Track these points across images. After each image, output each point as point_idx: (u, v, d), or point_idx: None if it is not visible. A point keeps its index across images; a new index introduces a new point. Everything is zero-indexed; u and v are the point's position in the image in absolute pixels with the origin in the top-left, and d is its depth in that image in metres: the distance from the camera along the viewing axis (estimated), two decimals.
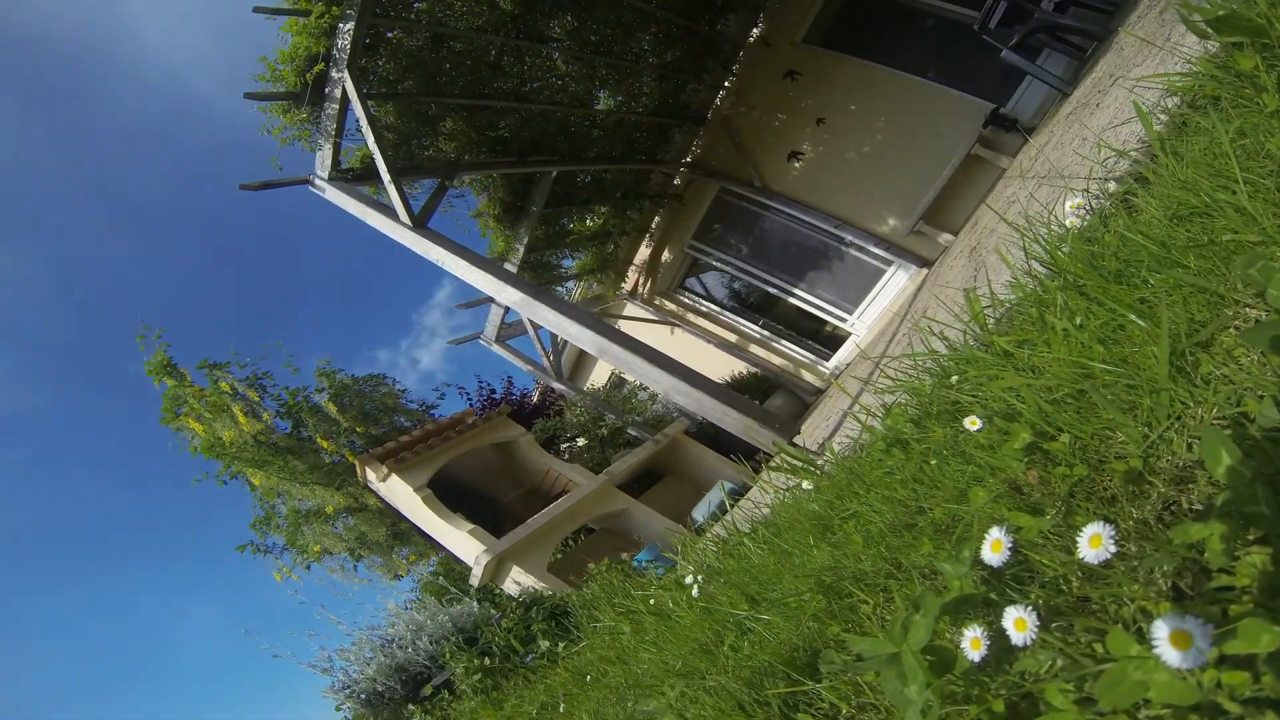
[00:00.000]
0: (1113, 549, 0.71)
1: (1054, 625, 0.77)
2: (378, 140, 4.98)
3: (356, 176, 5.54)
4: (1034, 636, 0.77)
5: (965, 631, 0.91)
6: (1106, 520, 0.74)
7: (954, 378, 1.40)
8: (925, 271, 7.50)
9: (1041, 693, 0.73)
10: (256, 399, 7.36)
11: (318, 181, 5.39)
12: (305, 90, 4.84)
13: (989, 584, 0.97)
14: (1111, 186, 1.58)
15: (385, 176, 5.07)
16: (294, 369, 7.92)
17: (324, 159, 5.28)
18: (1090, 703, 0.66)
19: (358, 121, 5.01)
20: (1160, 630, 0.57)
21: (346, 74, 4.73)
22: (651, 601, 3.34)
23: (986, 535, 0.93)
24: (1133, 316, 0.97)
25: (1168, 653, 0.56)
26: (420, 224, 5.31)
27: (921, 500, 1.28)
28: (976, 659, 0.85)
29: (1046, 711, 0.70)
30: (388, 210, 5.32)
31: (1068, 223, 1.38)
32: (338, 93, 4.86)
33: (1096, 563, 0.73)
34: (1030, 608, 0.78)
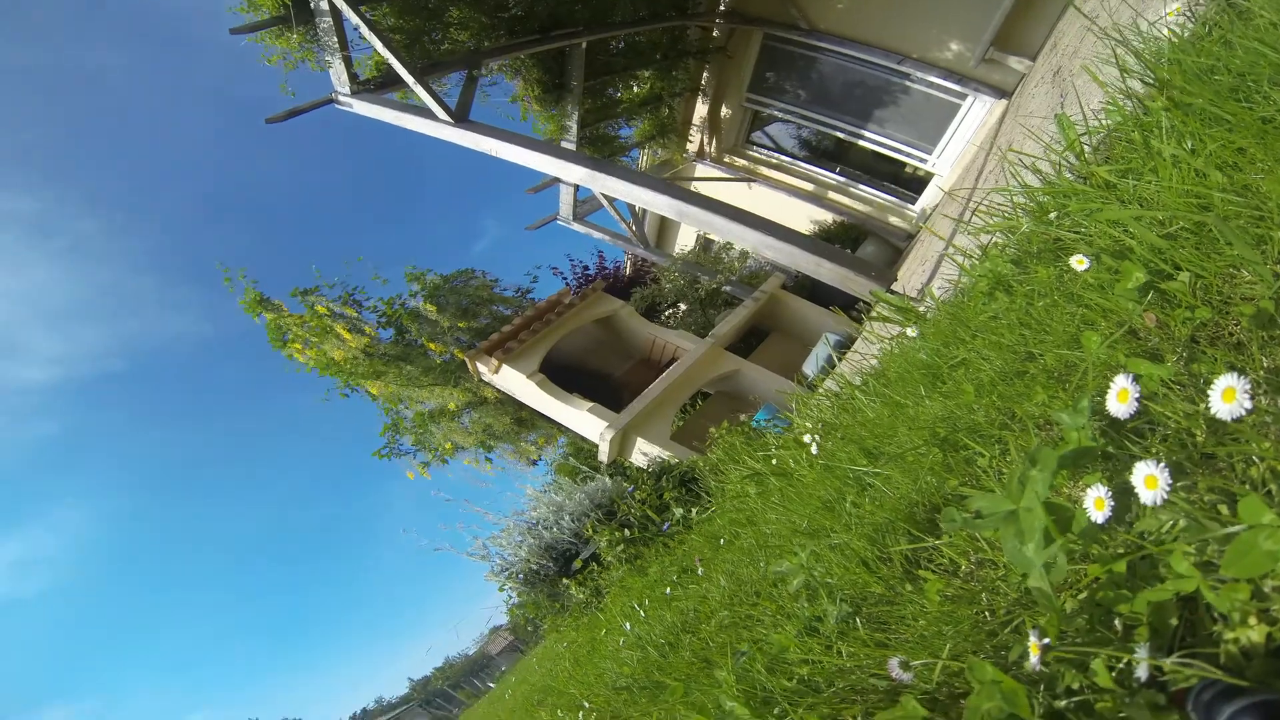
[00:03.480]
0: (1248, 405, 0.64)
1: (1177, 485, 0.72)
2: (385, 43, 4.77)
3: (379, 85, 5.38)
4: (1165, 496, 0.72)
5: (1086, 488, 0.87)
6: (1238, 371, 0.66)
7: (1053, 214, 1.25)
8: (1004, 102, 6.70)
9: (1163, 555, 0.69)
10: (355, 315, 7.60)
11: (341, 98, 5.29)
12: (289, 10, 4.64)
13: (1107, 436, 0.91)
14: None
15: (408, 78, 4.90)
16: (382, 280, 8.14)
17: (338, 74, 5.14)
18: (1213, 568, 0.62)
19: (359, 31, 4.80)
20: None
21: None
22: (773, 462, 3.42)
23: (1110, 384, 0.86)
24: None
25: None
26: (461, 118, 5.18)
27: (1031, 346, 1.20)
28: (1100, 519, 0.81)
29: (1168, 576, 0.67)
30: (423, 111, 5.19)
31: (1165, 32, 1.15)
32: (324, 4, 4.63)
33: (1229, 419, 0.66)
34: (1162, 464, 0.73)
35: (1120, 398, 0.86)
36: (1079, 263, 1.05)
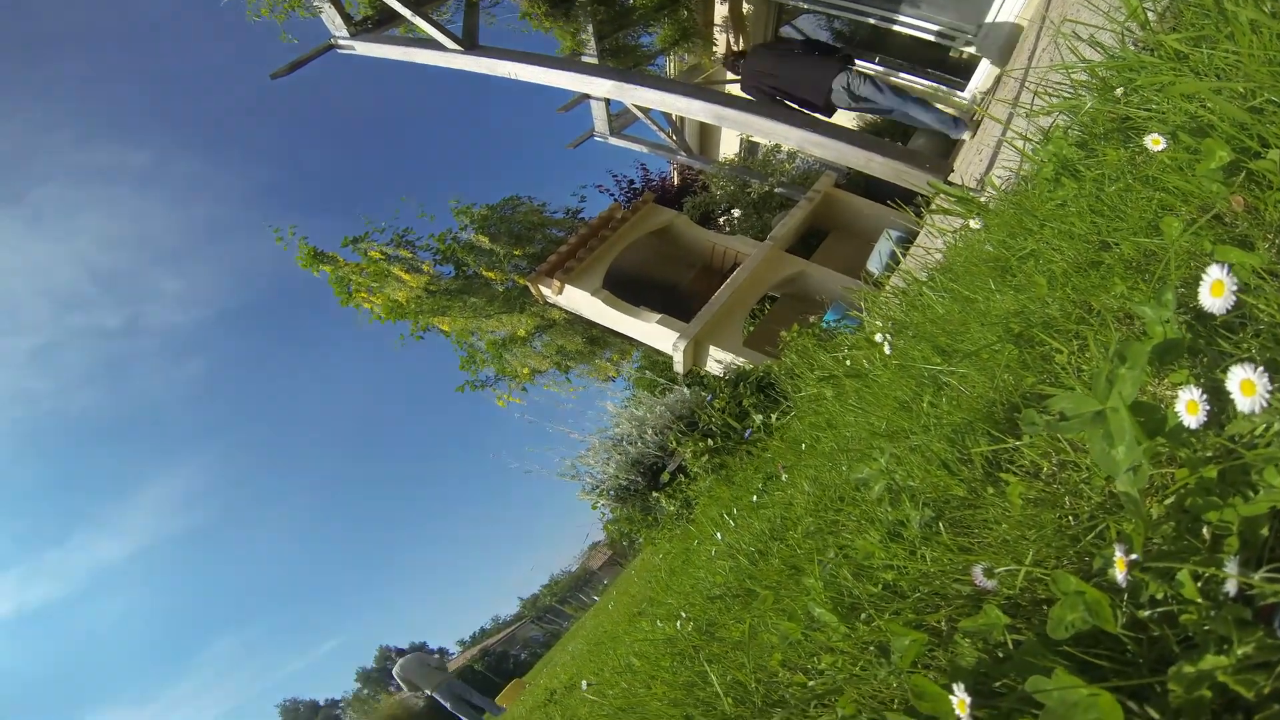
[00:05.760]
0: None
1: (1276, 388, 0.66)
2: None
3: (377, 23, 5.23)
4: (1265, 403, 0.67)
5: (1173, 385, 0.82)
6: None
7: (1119, 89, 1.13)
8: None
9: (1256, 463, 0.66)
10: (409, 255, 7.61)
11: (341, 42, 5.18)
12: None
13: (1194, 330, 0.85)
14: None
15: (404, 10, 4.73)
16: (430, 216, 8.09)
17: (332, 18, 5.00)
18: None
19: None
20: None
21: None
22: (847, 363, 3.37)
23: (1199, 275, 0.79)
24: None
25: None
26: (471, 45, 4.99)
27: (1105, 234, 1.11)
28: (1193, 424, 0.75)
29: (1261, 486, 0.63)
30: (429, 43, 5.04)
31: None
32: None
33: None
34: (1260, 368, 0.67)
35: (1215, 290, 0.78)
36: (1155, 143, 0.95)
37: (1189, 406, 0.76)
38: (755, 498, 3.43)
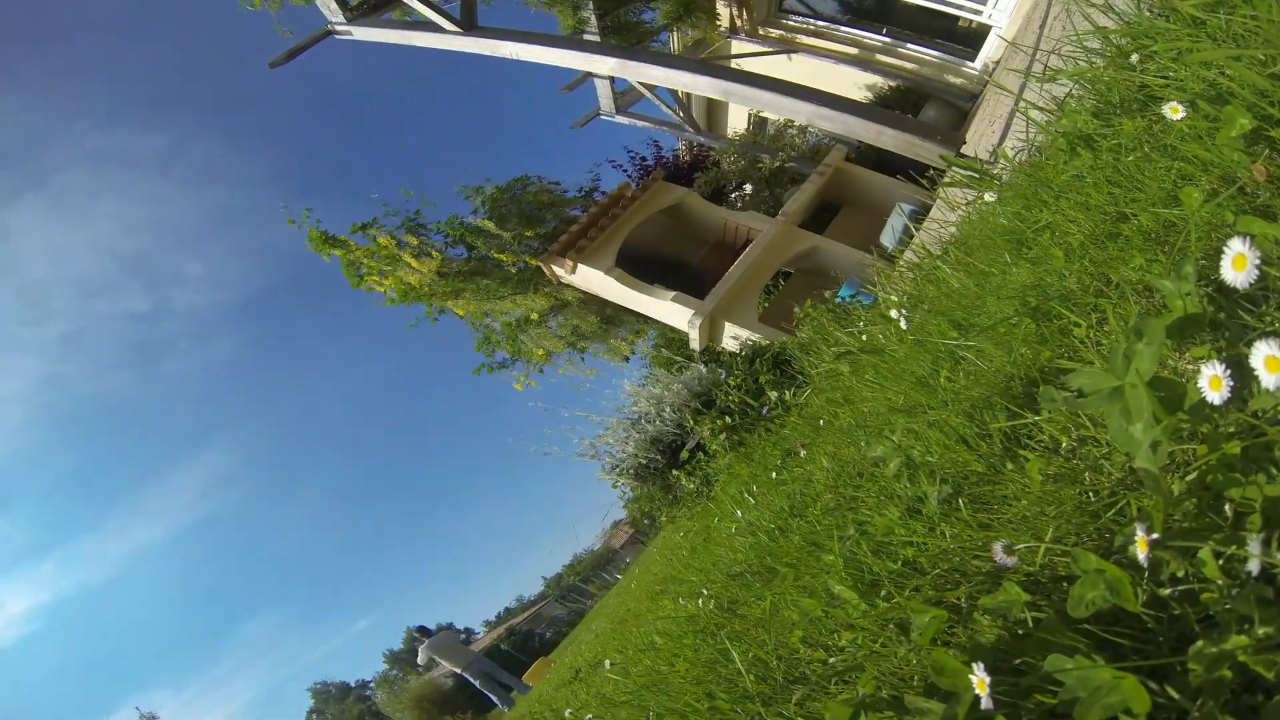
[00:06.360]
0: None
1: None
2: None
3: (373, 7, 5.19)
4: None
5: (1194, 360, 0.81)
6: None
7: (1134, 56, 1.10)
8: None
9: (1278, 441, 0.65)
10: (416, 242, 7.56)
11: (338, 28, 5.15)
12: None
13: (1215, 303, 0.83)
14: None
15: None
16: (433, 204, 8.01)
17: (327, 4, 4.95)
18: None
19: None
20: None
21: None
22: (863, 338, 3.35)
23: (1220, 247, 0.77)
24: None
25: None
26: (470, 26, 4.93)
27: (1122, 205, 1.09)
28: (1217, 400, 0.74)
29: None
30: (428, 26, 4.99)
31: None
32: None
33: None
34: None
35: (1237, 264, 0.76)
36: (1174, 111, 0.92)
37: (1212, 382, 0.74)
38: (774, 474, 3.44)
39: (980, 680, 0.78)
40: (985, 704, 0.76)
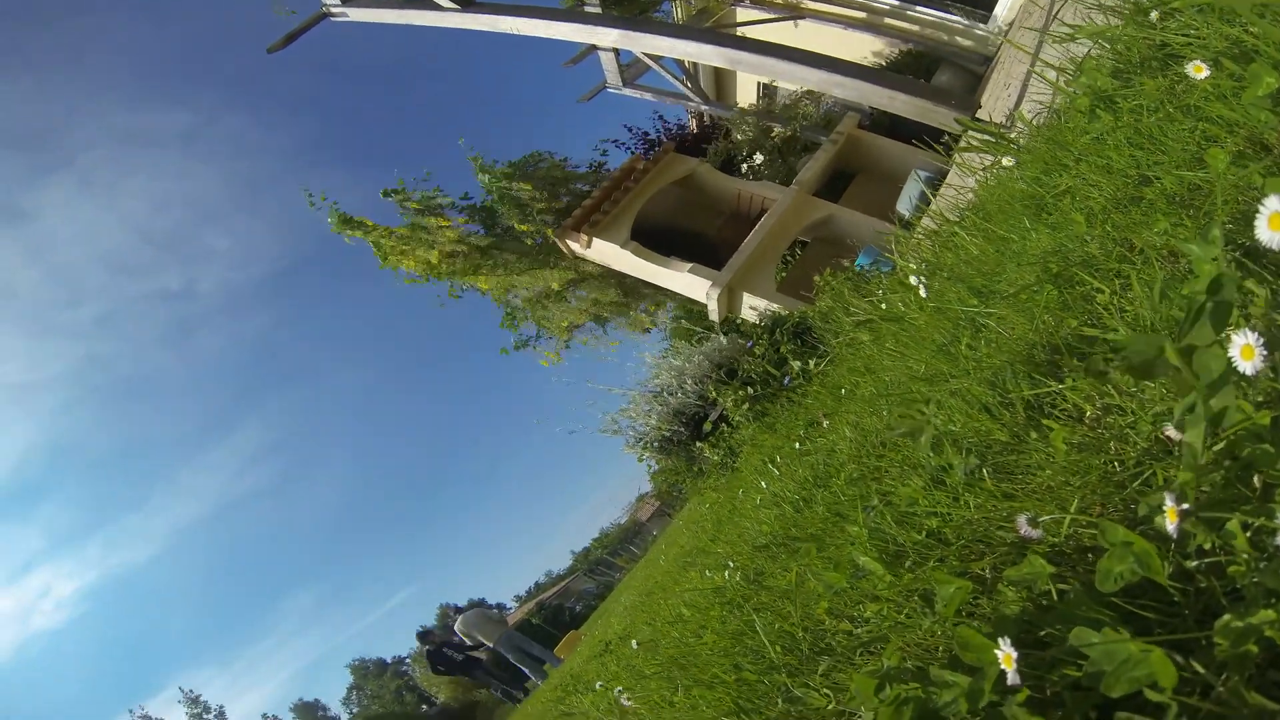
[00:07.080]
0: None
1: None
2: None
3: None
4: None
5: (1230, 333, 0.79)
6: None
7: (1153, 13, 1.06)
8: None
9: None
10: (434, 222, 7.69)
11: (334, 9, 5.11)
12: None
13: (1243, 268, 0.81)
14: None
15: None
16: (439, 190, 8.06)
17: None
18: None
19: None
20: None
21: None
22: (883, 306, 3.31)
23: (1251, 209, 0.75)
24: None
25: None
26: (468, 2, 4.89)
27: (1145, 168, 1.06)
28: (1249, 370, 0.72)
29: None
30: (425, 3, 4.94)
31: None
32: None
33: None
34: None
35: (1272, 223, 0.74)
36: (1197, 70, 0.89)
37: (1244, 351, 0.72)
38: (798, 445, 3.44)
39: (1007, 655, 0.78)
40: (1011, 679, 0.76)
